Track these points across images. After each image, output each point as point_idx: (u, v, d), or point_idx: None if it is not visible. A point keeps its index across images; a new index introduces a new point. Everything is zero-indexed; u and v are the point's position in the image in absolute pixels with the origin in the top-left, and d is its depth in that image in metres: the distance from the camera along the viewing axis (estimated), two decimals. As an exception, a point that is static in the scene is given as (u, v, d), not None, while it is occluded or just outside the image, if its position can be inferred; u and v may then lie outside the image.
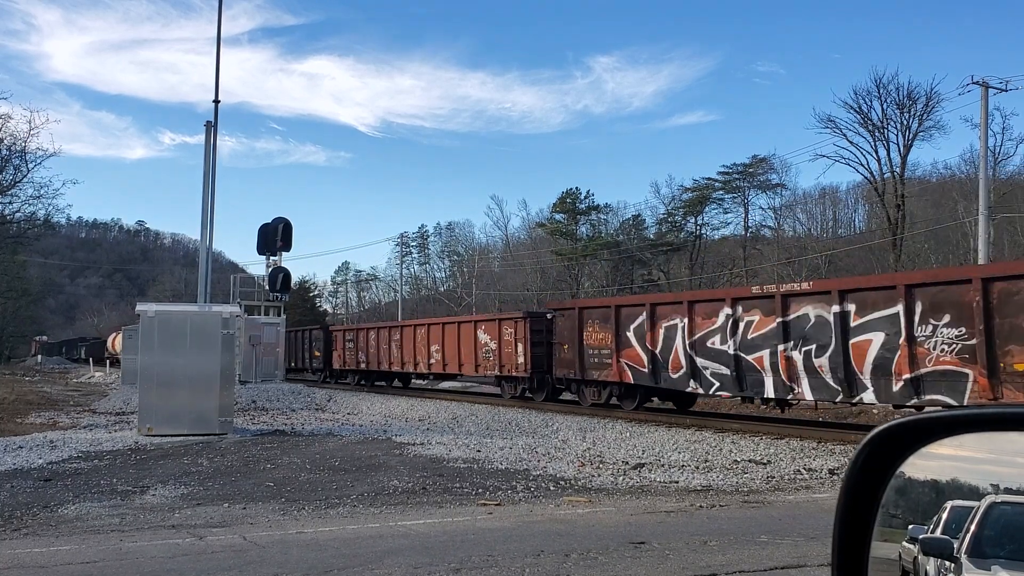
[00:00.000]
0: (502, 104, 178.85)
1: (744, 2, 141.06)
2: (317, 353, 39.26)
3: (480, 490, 10.08)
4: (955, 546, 1.52)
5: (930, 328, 12.89)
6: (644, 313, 18.87)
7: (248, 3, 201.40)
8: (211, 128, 26.79)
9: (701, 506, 9.13)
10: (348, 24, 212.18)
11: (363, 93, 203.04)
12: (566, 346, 21.48)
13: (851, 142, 48.05)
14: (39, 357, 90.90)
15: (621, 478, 11.11)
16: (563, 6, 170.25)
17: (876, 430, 1.67)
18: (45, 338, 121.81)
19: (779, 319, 15.35)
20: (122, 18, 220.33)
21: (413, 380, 33.93)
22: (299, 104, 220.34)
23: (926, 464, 1.63)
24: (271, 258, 37.91)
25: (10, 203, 44.77)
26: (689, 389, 18.05)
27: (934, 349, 12.85)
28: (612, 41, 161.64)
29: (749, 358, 16.10)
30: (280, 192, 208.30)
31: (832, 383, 14.41)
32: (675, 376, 18.08)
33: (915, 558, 1.59)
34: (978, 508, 1.50)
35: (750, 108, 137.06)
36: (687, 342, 17.49)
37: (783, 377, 15.29)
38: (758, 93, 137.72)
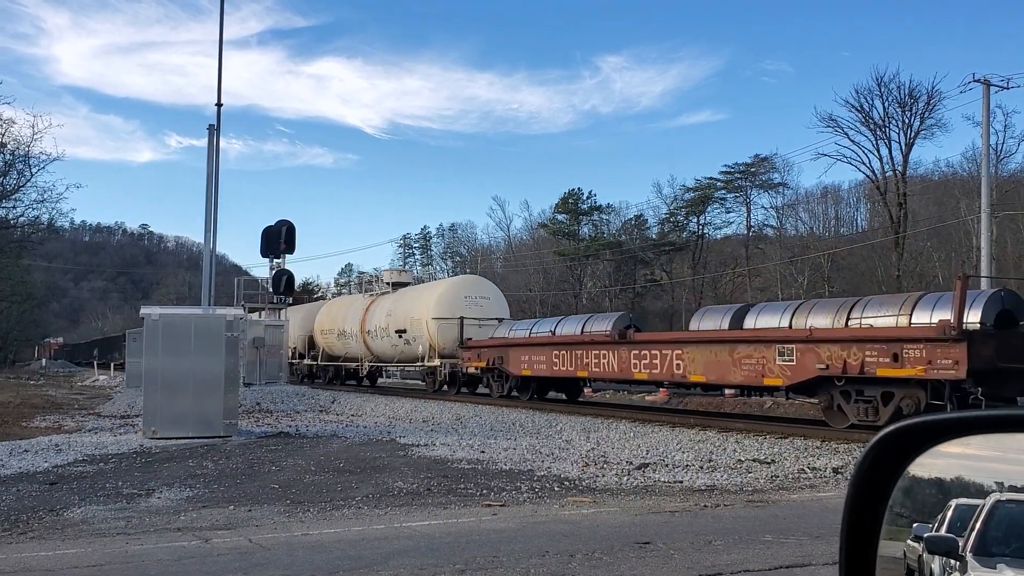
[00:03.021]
0: (510, 105, 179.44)
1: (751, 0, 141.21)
2: None
3: (484, 491, 10.08)
4: (960, 544, 1.53)
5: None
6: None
7: (257, 5, 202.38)
8: (214, 131, 26.81)
9: (705, 506, 9.13)
10: (356, 25, 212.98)
11: (371, 95, 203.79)
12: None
13: (853, 141, 48.07)
14: (43, 361, 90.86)
15: (625, 478, 11.11)
16: (570, 5, 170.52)
17: (884, 431, 1.68)
18: (60, 340, 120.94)
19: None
20: (130, 20, 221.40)
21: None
22: (307, 106, 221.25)
23: (930, 462, 1.63)
24: (274, 260, 38.00)
25: (14, 207, 44.93)
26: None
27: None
28: (620, 40, 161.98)
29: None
30: (287, 194, 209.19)
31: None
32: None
33: (920, 557, 1.60)
34: (983, 506, 1.51)
35: (758, 107, 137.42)
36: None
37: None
38: (766, 92, 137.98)
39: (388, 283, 34.67)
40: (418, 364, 29.82)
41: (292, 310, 42.55)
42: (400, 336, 30.26)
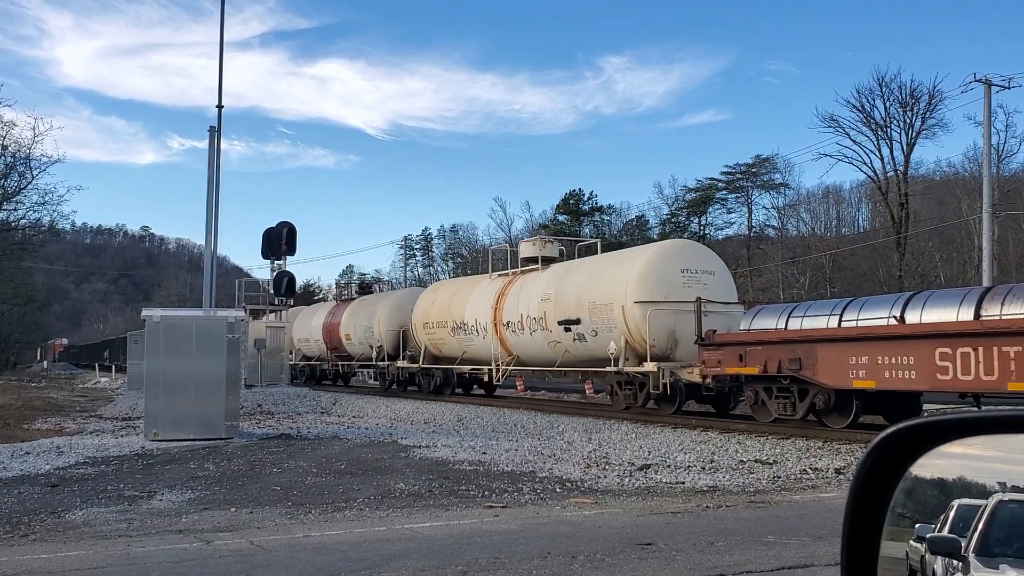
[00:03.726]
0: (512, 106, 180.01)
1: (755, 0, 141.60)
2: None
3: (486, 492, 10.08)
4: (962, 545, 1.52)
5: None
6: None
7: (260, 6, 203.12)
8: (214, 133, 26.84)
9: (707, 507, 9.12)
10: (359, 26, 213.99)
11: (373, 96, 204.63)
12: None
13: (854, 141, 48.01)
14: (44, 363, 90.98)
15: (627, 479, 11.10)
16: (573, 6, 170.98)
17: (886, 432, 1.67)
18: (64, 341, 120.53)
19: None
20: (133, 22, 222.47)
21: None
22: (308, 107, 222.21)
23: (933, 463, 1.63)
24: (275, 262, 38.02)
25: (15, 210, 44.99)
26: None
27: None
28: (623, 41, 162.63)
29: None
30: (288, 196, 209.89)
31: None
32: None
33: (922, 557, 1.59)
34: (985, 507, 1.50)
35: (760, 107, 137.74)
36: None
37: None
38: (768, 92, 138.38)
39: (536, 257, 25.19)
40: (608, 368, 20.55)
41: (374, 299, 37.49)
42: (568, 330, 21.65)
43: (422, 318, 29.97)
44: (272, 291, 38.29)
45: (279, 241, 37.32)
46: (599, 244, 28.40)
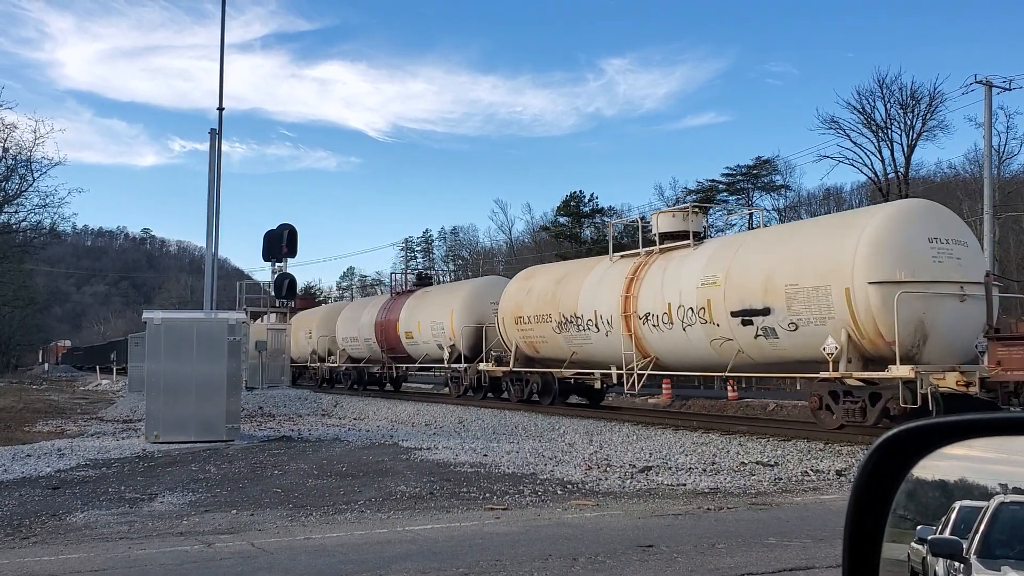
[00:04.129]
0: (513, 108, 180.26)
1: (757, 1, 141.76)
2: None
3: (487, 494, 10.07)
4: (964, 547, 1.52)
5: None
6: None
7: (262, 9, 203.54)
8: (215, 135, 26.85)
9: (709, 508, 9.12)
10: (361, 29, 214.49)
11: (375, 98, 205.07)
12: None
13: (855, 143, 47.98)
14: (45, 365, 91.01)
15: (628, 481, 11.09)
16: (574, 8, 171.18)
17: (887, 434, 1.67)
18: (67, 343, 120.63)
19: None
20: (134, 25, 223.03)
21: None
22: (310, 110, 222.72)
23: (934, 464, 1.63)
24: (276, 264, 38.05)
25: (16, 212, 45.06)
26: None
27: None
28: (624, 43, 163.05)
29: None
30: (290, 198, 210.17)
31: None
32: None
33: (924, 559, 1.59)
34: (987, 508, 1.50)
35: (761, 109, 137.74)
36: None
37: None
38: (769, 94, 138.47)
39: (685, 232, 20.07)
40: (820, 375, 15.38)
41: (442, 290, 32.53)
42: (748, 323, 16.56)
43: (513, 311, 24.49)
44: (273, 293, 38.33)
45: (280, 243, 37.36)
46: (761, 215, 24.21)
